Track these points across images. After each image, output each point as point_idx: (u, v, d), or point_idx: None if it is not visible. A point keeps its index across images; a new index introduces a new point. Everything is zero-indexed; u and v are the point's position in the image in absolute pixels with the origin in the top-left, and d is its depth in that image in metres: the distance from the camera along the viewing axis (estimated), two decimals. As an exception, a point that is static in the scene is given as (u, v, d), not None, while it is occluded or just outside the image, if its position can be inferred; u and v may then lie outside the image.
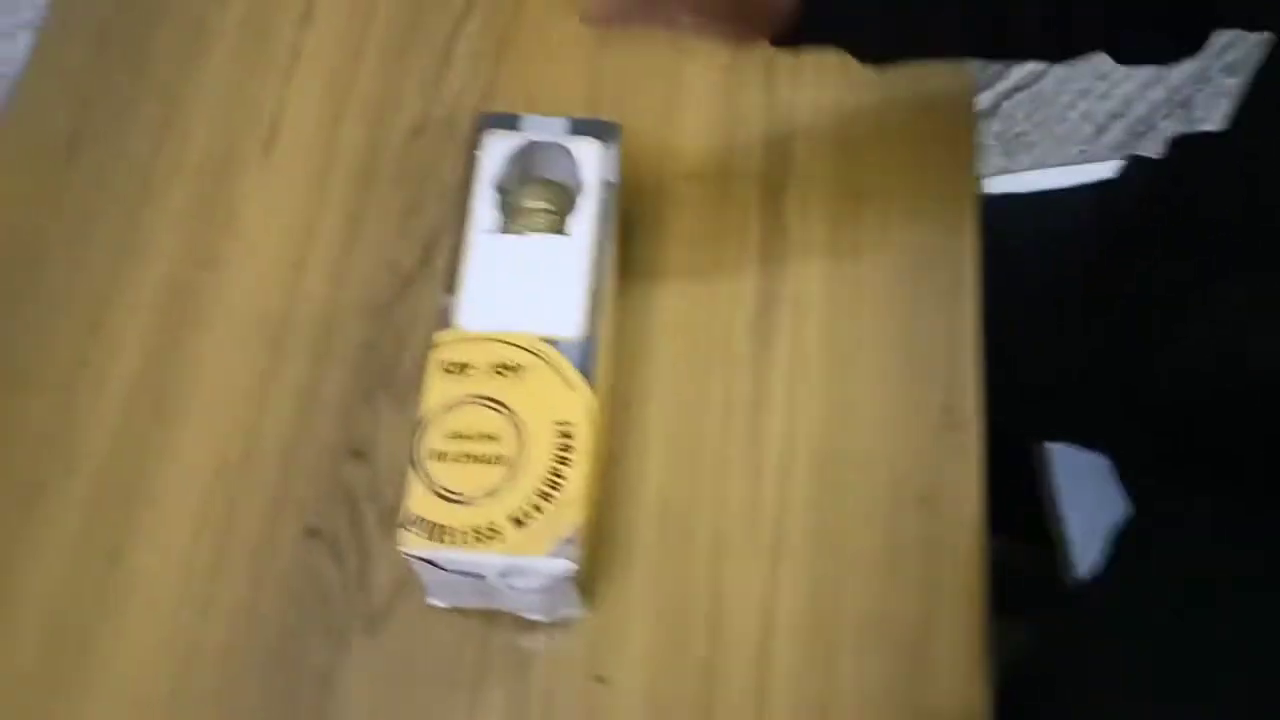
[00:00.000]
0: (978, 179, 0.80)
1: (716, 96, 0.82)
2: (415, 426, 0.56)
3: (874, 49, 0.71)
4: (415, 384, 0.72)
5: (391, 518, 0.69)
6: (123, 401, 0.73)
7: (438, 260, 0.77)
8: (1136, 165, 0.87)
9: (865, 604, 0.67)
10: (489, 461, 0.54)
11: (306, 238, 0.78)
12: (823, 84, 0.82)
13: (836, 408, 0.72)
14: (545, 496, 0.54)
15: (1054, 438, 0.95)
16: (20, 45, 0.86)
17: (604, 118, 0.66)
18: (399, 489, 0.69)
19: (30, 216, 0.80)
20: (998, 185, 0.86)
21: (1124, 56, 0.73)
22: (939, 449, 0.71)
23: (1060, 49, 0.74)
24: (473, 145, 0.63)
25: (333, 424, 0.72)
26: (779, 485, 0.70)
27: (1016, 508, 1.06)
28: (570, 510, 0.54)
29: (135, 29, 0.86)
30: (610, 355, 0.67)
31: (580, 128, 0.64)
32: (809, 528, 0.69)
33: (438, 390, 0.56)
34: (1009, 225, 0.83)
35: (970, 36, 0.71)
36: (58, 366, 0.74)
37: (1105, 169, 0.93)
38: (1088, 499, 0.96)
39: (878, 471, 0.71)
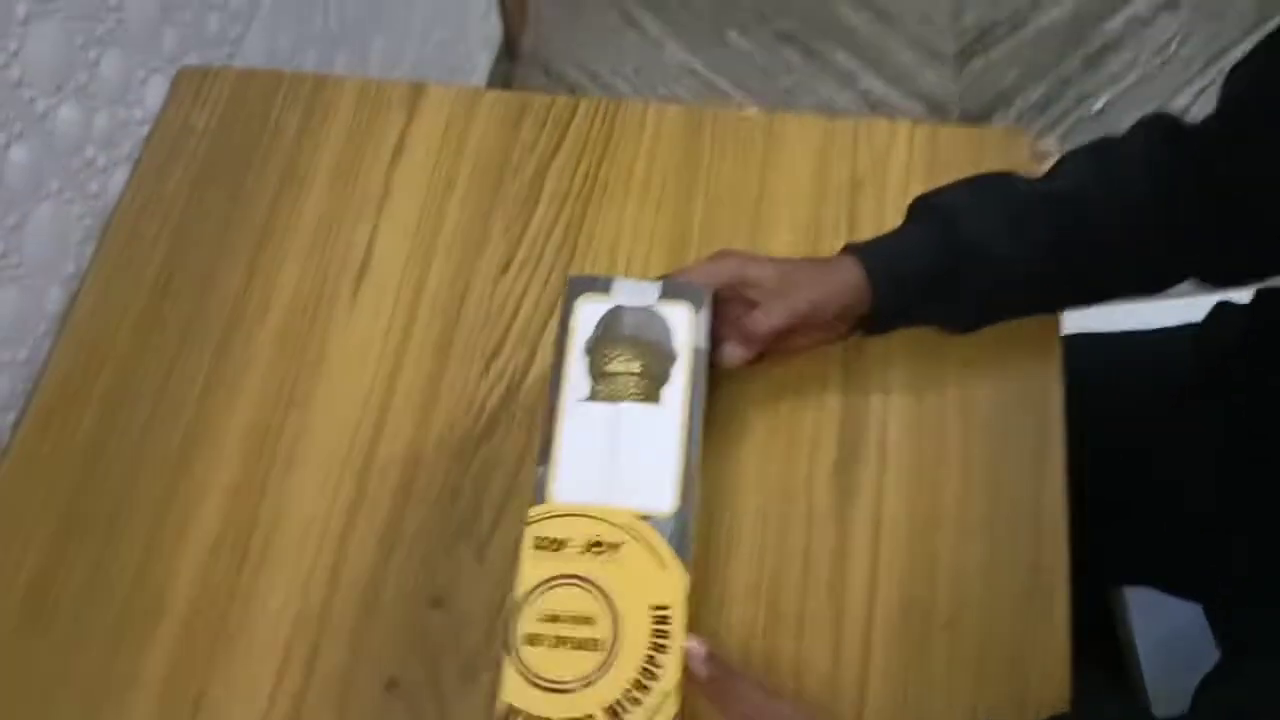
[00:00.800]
0: (1058, 324, 0.80)
1: (799, 239, 0.83)
2: (508, 607, 0.56)
3: (953, 320, 0.75)
4: (493, 533, 0.73)
5: (470, 669, 0.69)
6: (208, 544, 0.74)
7: (519, 401, 0.78)
8: (1225, 311, 0.86)
9: (953, 775, 0.66)
10: (585, 647, 0.54)
11: (392, 377, 0.79)
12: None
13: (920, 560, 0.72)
14: (642, 687, 0.53)
15: (1144, 583, 0.93)
16: (118, 180, 0.88)
17: (692, 280, 0.67)
18: (477, 639, 0.70)
19: (121, 350, 0.82)
20: (1074, 323, 0.86)
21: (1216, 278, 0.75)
22: (1028, 609, 0.70)
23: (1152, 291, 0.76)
24: (564, 309, 0.64)
25: (414, 571, 0.73)
26: (861, 644, 0.69)
27: (1096, 651, 1.04)
28: (668, 702, 0.53)
29: (231, 167, 0.89)
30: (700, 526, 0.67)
31: (671, 290, 0.65)
32: (891, 690, 0.68)
33: (531, 568, 0.56)
34: (1089, 364, 0.83)
35: (1049, 284, 0.73)
36: (145, 508, 0.76)
37: (1188, 307, 0.91)
38: (1171, 645, 0.94)
39: (965, 632, 0.69)
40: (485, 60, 1.84)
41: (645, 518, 0.57)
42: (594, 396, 0.61)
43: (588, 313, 0.64)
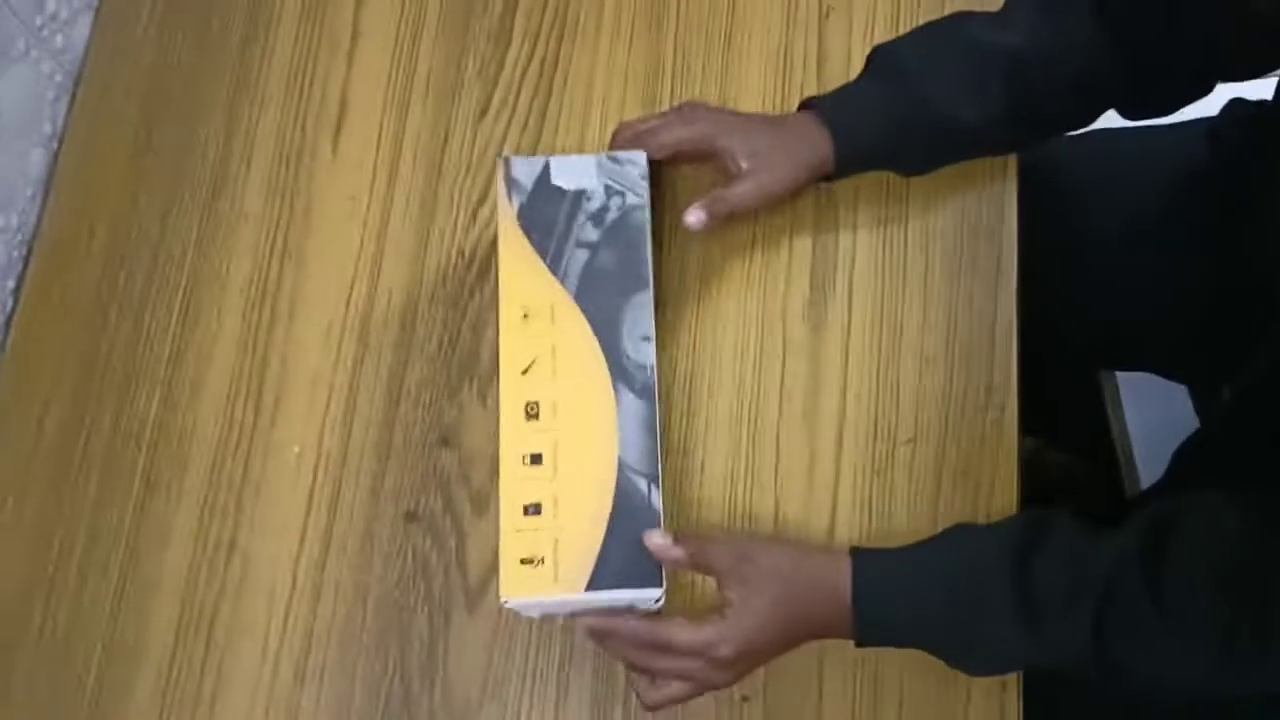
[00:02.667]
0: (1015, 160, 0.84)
1: (770, 71, 0.85)
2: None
3: (910, 171, 0.79)
4: (493, 376, 0.79)
5: (480, 500, 0.76)
6: (222, 398, 0.79)
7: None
8: (1239, 106, 0.88)
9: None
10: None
11: (381, 231, 0.82)
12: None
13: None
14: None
15: (1137, 367, 1.00)
16: (81, 31, 0.87)
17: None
18: (484, 473, 0.77)
19: (111, 209, 0.83)
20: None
21: (1134, 114, 0.78)
22: (982, 425, 0.78)
23: (1086, 119, 0.79)
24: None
25: (422, 416, 0.78)
26: (832, 464, 0.77)
27: (1080, 427, 1.12)
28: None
29: (195, 7, 0.87)
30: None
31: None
32: (860, 503, 0.76)
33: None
34: (1109, 158, 0.89)
35: (1001, 138, 0.76)
36: (156, 364, 0.80)
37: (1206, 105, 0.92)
38: (1155, 422, 1.02)
39: (925, 449, 0.77)
40: None
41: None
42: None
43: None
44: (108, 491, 0.77)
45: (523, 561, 0.65)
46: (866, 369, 0.79)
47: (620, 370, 0.69)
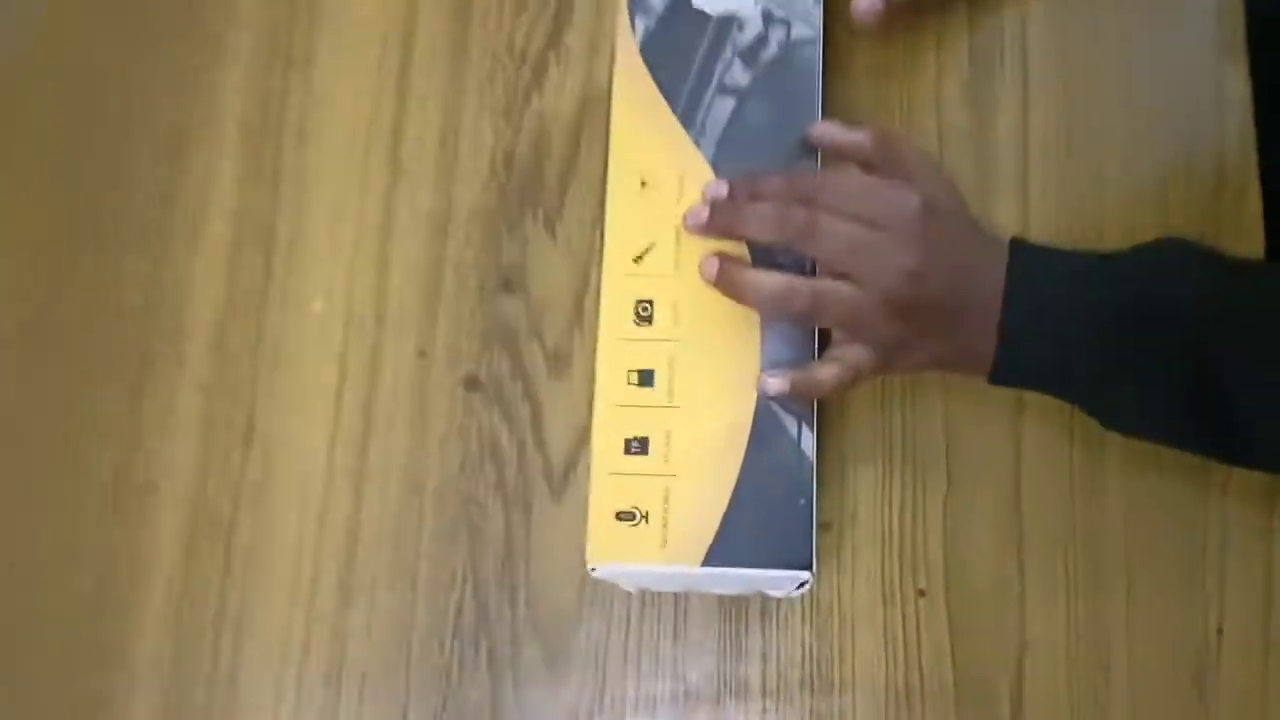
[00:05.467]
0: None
1: None
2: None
3: None
4: (563, 201, 0.61)
5: (559, 359, 0.59)
6: (225, 247, 0.62)
7: (571, 34, 0.63)
8: None
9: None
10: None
11: (408, 32, 0.64)
12: None
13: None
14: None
15: None
16: None
17: None
18: (561, 324, 0.59)
19: (79, 34, 0.66)
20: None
21: None
22: (1216, 213, 0.59)
23: None
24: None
25: (475, 253, 0.61)
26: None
27: None
28: None
29: None
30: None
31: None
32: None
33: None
34: None
35: None
36: (144, 211, 0.63)
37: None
38: None
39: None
40: None
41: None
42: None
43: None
44: (88, 376, 0.61)
45: (619, 516, 0.49)
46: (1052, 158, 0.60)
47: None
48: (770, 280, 0.49)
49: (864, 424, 0.57)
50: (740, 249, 0.51)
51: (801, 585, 0.49)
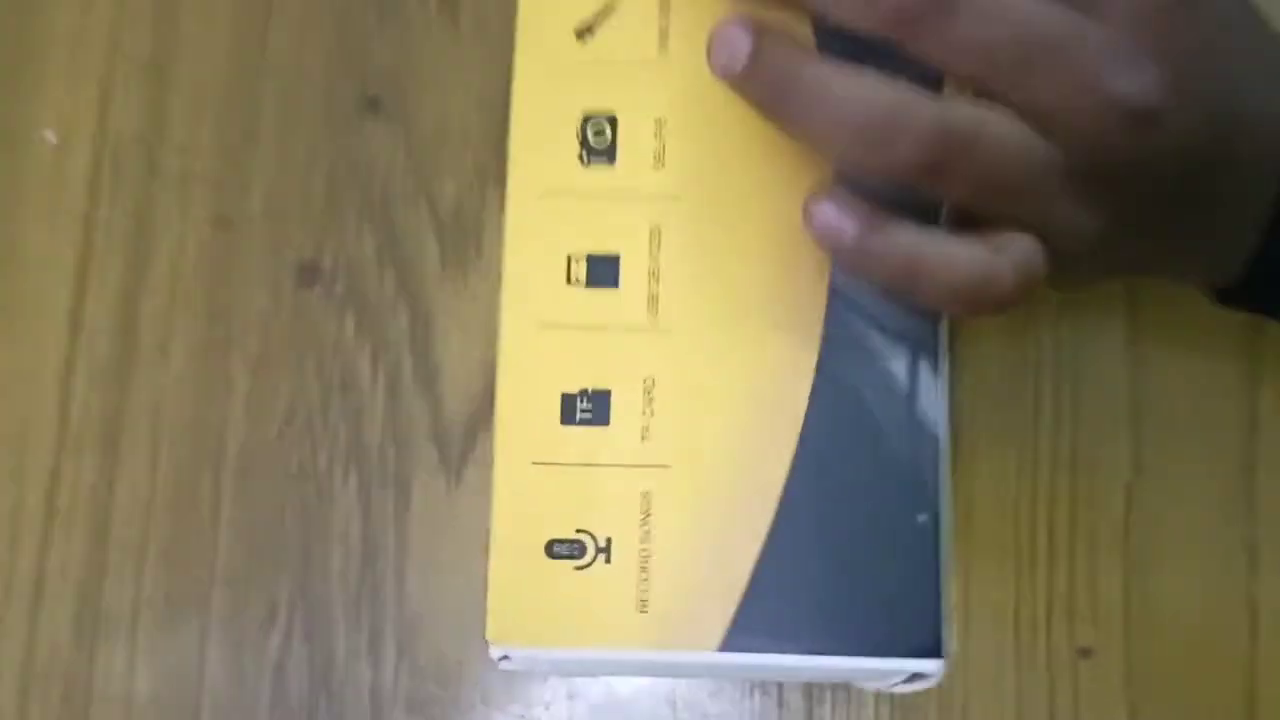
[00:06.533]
0: None
1: None
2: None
3: None
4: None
5: (461, 232, 0.34)
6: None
7: None
8: None
9: None
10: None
11: None
12: None
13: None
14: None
15: None
16: None
17: None
18: (464, 170, 0.34)
19: None
20: None
21: None
22: None
23: None
24: None
25: (318, 54, 0.35)
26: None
27: None
28: None
29: None
30: None
31: None
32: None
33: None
34: None
35: None
36: None
37: None
38: None
39: None
40: None
41: None
42: None
43: None
44: None
45: (551, 550, 0.26)
46: None
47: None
48: (857, 89, 0.24)
49: (991, 356, 0.33)
50: (797, 24, 0.26)
51: (916, 679, 0.25)
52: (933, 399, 0.25)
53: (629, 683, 0.32)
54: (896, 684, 0.25)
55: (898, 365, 0.25)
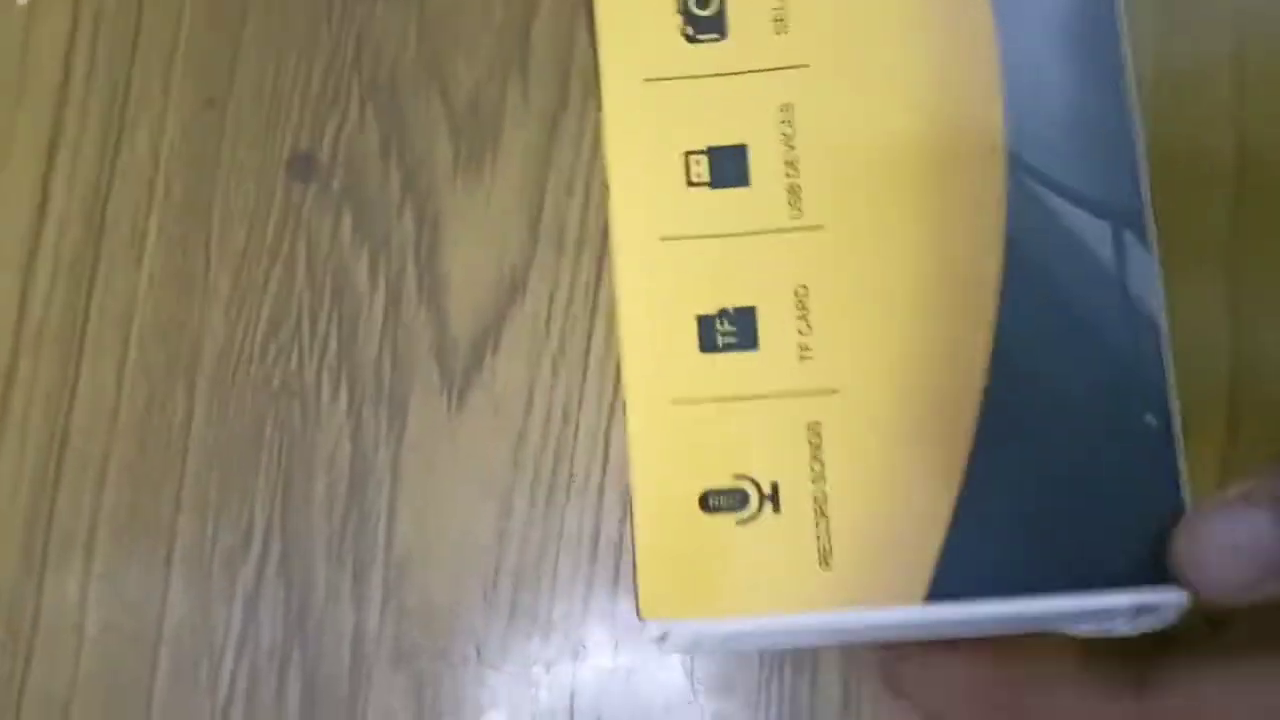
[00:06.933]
0: None
1: None
2: None
3: None
4: None
5: (478, 118, 0.30)
6: None
7: None
8: None
9: None
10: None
11: None
12: None
13: None
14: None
15: None
16: None
17: None
18: (486, 49, 0.31)
19: None
20: None
21: None
22: None
23: None
24: None
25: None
26: None
27: None
28: None
29: None
30: None
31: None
32: None
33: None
34: None
35: None
36: None
37: None
38: None
39: None
40: None
41: None
42: None
43: None
44: None
45: (705, 502, 0.20)
46: None
47: None
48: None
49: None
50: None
51: (1142, 615, 0.20)
52: (1147, 280, 0.20)
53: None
54: (1119, 624, 0.21)
55: (1101, 243, 0.20)
